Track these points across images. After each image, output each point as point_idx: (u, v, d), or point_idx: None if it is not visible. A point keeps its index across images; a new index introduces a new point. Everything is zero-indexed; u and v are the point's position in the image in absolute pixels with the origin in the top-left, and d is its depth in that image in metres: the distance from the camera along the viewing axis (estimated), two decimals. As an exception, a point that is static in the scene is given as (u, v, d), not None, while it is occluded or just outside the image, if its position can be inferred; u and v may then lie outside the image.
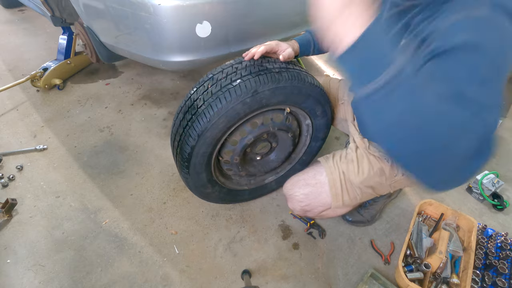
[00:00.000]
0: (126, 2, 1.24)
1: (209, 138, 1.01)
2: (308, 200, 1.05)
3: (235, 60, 1.06)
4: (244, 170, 1.25)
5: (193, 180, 1.13)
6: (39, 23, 3.13)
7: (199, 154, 1.04)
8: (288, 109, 1.13)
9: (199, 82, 1.06)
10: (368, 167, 1.01)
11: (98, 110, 1.97)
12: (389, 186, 1.05)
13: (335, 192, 1.02)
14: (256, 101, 0.99)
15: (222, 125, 1.00)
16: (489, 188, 1.44)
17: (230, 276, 1.17)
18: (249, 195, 1.39)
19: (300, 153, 1.40)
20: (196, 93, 1.04)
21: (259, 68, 1.00)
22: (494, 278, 1.11)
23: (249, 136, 1.10)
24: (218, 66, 1.07)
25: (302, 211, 1.08)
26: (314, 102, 1.15)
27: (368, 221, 1.34)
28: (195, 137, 0.99)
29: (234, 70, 1.01)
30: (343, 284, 1.16)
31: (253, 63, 1.02)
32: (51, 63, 2.12)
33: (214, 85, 1.00)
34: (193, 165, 1.07)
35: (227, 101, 0.96)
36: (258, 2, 1.39)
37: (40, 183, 1.49)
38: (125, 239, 1.27)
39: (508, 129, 1.93)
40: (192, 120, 1.00)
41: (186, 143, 1.02)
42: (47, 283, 1.13)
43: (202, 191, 1.21)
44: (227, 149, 1.12)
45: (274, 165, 1.35)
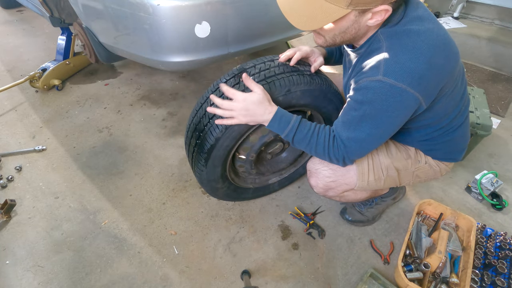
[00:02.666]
0: (125, 2, 1.24)
1: (235, 132, 1.02)
2: (335, 176, 1.04)
3: (266, 57, 1.08)
4: (255, 168, 1.26)
5: (208, 173, 1.13)
6: (38, 24, 3.13)
7: (222, 147, 1.04)
8: (309, 112, 1.16)
9: (228, 74, 1.06)
10: (395, 150, 1.06)
11: (97, 111, 1.96)
12: (412, 174, 1.08)
13: (361, 171, 1.03)
14: (287, 100, 1.02)
15: None
16: (488, 187, 1.45)
17: (230, 277, 1.17)
18: (252, 194, 1.40)
19: (307, 157, 1.42)
20: (227, 83, 1.02)
21: (291, 69, 1.03)
22: (493, 278, 1.11)
23: (269, 134, 1.12)
24: (248, 61, 1.07)
25: (325, 188, 1.07)
26: (333, 108, 1.17)
27: (368, 220, 1.34)
28: (222, 129, 1.00)
29: (267, 67, 1.02)
30: (343, 284, 1.16)
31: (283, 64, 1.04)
32: (50, 64, 2.11)
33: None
34: (213, 157, 1.07)
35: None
36: (257, 3, 1.39)
37: (39, 184, 1.48)
38: (124, 240, 1.27)
39: (507, 129, 1.94)
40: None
41: (211, 134, 1.02)
42: (46, 284, 1.12)
43: (212, 186, 1.21)
44: (246, 145, 1.13)
45: (282, 166, 1.37)
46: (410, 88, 0.75)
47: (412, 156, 1.06)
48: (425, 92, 0.79)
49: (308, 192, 1.50)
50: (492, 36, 2.56)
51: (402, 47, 0.76)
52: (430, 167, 1.08)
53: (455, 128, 0.98)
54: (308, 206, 1.44)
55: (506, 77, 2.43)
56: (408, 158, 1.06)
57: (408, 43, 0.76)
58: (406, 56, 0.75)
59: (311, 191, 1.50)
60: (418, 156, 1.07)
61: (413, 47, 0.75)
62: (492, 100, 2.16)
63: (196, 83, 2.27)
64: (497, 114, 2.05)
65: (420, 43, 0.75)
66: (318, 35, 0.86)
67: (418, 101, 0.79)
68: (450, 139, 1.00)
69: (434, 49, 0.76)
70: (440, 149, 1.04)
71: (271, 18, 1.51)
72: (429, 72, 0.76)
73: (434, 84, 0.80)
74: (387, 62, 0.76)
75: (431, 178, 1.14)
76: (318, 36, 0.86)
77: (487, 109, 1.60)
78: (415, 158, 1.06)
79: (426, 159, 1.07)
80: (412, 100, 0.78)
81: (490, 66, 2.55)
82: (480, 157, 1.72)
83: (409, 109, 0.81)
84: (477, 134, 1.52)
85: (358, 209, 1.34)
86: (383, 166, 1.04)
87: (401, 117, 0.83)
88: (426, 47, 0.75)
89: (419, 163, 1.07)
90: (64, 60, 2.16)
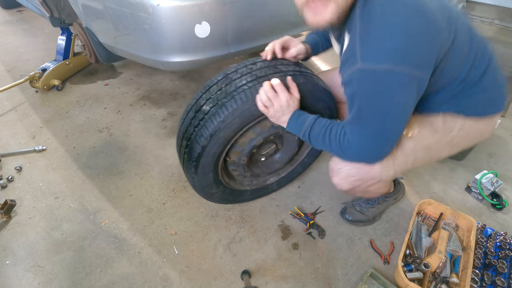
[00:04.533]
0: (125, 2, 1.24)
1: (221, 139, 1.00)
2: (360, 174, 0.97)
3: (248, 60, 1.06)
4: (249, 170, 1.25)
5: (200, 180, 1.13)
6: (38, 24, 3.13)
7: (209, 154, 1.04)
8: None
9: (211, 80, 1.05)
10: (417, 128, 0.94)
11: (97, 111, 1.96)
12: (448, 146, 0.96)
13: (385, 163, 0.94)
14: None
15: (235, 126, 0.99)
16: (488, 187, 1.45)
17: (230, 277, 1.17)
18: (250, 195, 1.39)
19: (302, 155, 1.41)
20: (208, 92, 1.03)
21: (274, 70, 1.00)
22: (494, 278, 1.11)
23: (258, 138, 1.11)
24: (231, 66, 1.06)
25: (350, 186, 1.01)
26: (324, 106, 1.15)
27: (368, 220, 1.34)
28: (207, 137, 0.99)
29: (248, 71, 1.01)
30: (343, 284, 1.16)
31: (267, 64, 1.02)
32: (50, 64, 2.11)
33: (229, 85, 0.99)
34: (202, 165, 1.06)
35: (242, 101, 0.95)
36: (257, 3, 1.39)
37: (39, 184, 1.48)
38: (124, 240, 1.27)
39: (507, 129, 1.94)
40: (205, 120, 0.99)
41: (197, 142, 1.01)
42: (46, 284, 1.12)
43: (207, 191, 1.21)
44: (236, 149, 1.11)
45: (277, 166, 1.36)
46: (395, 66, 0.68)
47: (440, 128, 0.92)
48: (417, 62, 0.70)
49: (308, 192, 1.50)
50: (492, 36, 2.56)
51: (373, 24, 0.69)
52: (467, 132, 0.93)
53: (479, 77, 0.85)
54: (308, 206, 1.44)
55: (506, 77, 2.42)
56: (436, 132, 0.93)
57: (378, 18, 0.69)
58: (380, 33, 0.68)
59: (311, 191, 1.50)
60: (448, 125, 0.92)
61: (384, 21, 0.68)
62: (492, 100, 2.15)
63: (196, 83, 2.27)
64: (497, 114, 2.04)
65: (389, 15, 0.68)
66: (327, 3, 0.73)
67: (412, 75, 0.70)
68: (478, 89, 0.86)
69: (408, 17, 0.67)
70: (471, 104, 0.89)
71: (271, 18, 1.51)
72: (411, 42, 0.67)
73: (424, 51, 0.70)
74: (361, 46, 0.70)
75: (476, 141, 1.00)
76: (327, 3, 0.73)
77: (487, 109, 1.60)
78: (445, 129, 0.92)
79: (461, 123, 0.91)
80: (404, 78, 0.70)
81: (490, 66, 2.55)
82: (480, 157, 1.72)
83: (407, 88, 0.73)
84: (477, 134, 1.52)
85: (359, 208, 1.33)
86: (407, 151, 0.94)
87: (403, 99, 0.74)
88: (398, 18, 0.67)
89: (451, 132, 0.92)
90: (64, 60, 2.16)
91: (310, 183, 1.54)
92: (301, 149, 1.40)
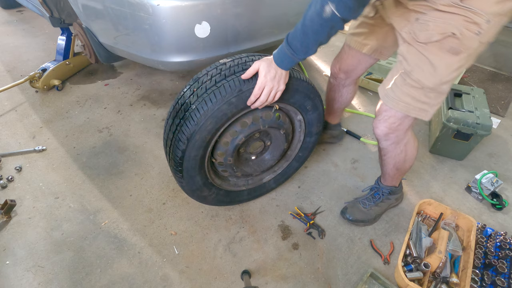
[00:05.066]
0: (125, 2, 1.24)
1: (198, 141, 1.01)
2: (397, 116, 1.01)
3: (219, 62, 1.06)
4: (239, 170, 1.24)
5: (188, 184, 1.13)
6: (38, 24, 3.13)
7: (190, 158, 1.04)
8: (276, 106, 1.12)
9: (185, 86, 1.07)
10: (435, 57, 0.86)
11: (97, 111, 1.96)
12: (478, 43, 0.85)
13: (416, 112, 0.96)
14: (242, 100, 1.00)
15: (210, 127, 1.00)
16: (488, 187, 1.45)
17: (230, 277, 1.17)
18: (248, 195, 1.38)
19: (295, 150, 1.39)
20: (183, 97, 1.04)
21: (242, 67, 1.01)
22: (494, 278, 1.11)
23: (240, 136, 1.10)
24: (203, 69, 1.07)
25: (389, 130, 1.05)
26: (303, 97, 1.14)
27: (369, 220, 1.34)
28: (184, 141, 1.00)
29: (218, 72, 1.02)
30: (343, 284, 1.16)
31: (236, 63, 1.03)
32: (50, 64, 2.11)
33: (200, 87, 1.00)
34: (186, 169, 1.07)
35: (212, 102, 0.96)
36: (257, 3, 1.39)
37: (39, 184, 1.48)
38: (124, 240, 1.27)
39: (507, 129, 1.94)
40: (181, 124, 1.00)
41: (176, 147, 1.02)
42: (46, 284, 1.12)
43: (198, 195, 1.21)
44: (220, 150, 1.12)
45: (270, 163, 1.35)
46: None
47: (463, 43, 0.82)
48: None
49: (308, 192, 1.50)
50: (492, 36, 2.56)
51: None
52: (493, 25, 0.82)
53: None
54: (308, 206, 1.44)
55: (506, 77, 2.43)
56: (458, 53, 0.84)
57: None
58: None
59: (311, 191, 1.50)
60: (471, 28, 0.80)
61: None
62: (492, 100, 2.16)
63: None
64: (497, 114, 2.05)
65: None
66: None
67: None
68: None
69: None
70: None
71: (270, 18, 1.51)
72: None
73: None
74: None
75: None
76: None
77: (487, 109, 1.60)
78: (468, 40, 0.81)
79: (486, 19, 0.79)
80: None
81: (490, 66, 2.55)
82: (480, 157, 1.72)
83: None
84: (477, 133, 1.52)
85: (363, 206, 1.34)
86: (435, 86, 0.90)
87: None
88: None
89: (480, 34, 0.81)
90: (64, 60, 2.16)
91: (310, 183, 1.54)
92: (292, 144, 1.37)
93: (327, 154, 1.70)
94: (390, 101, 0.99)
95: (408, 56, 0.92)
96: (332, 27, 0.82)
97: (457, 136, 1.58)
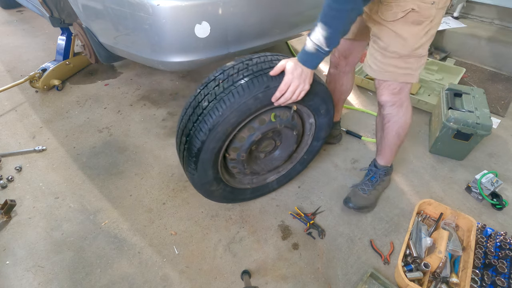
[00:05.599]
0: (125, 2, 1.24)
1: (219, 133, 1.02)
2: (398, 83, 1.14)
3: (245, 57, 1.08)
4: (249, 168, 1.26)
5: (200, 177, 1.13)
6: (38, 24, 3.13)
7: (208, 150, 1.04)
8: (295, 107, 1.16)
9: (209, 77, 1.07)
10: (403, 30, 1.01)
11: (97, 111, 1.96)
12: (436, 10, 0.98)
13: (403, 77, 1.11)
14: (268, 96, 1.02)
15: (233, 120, 1.01)
16: (488, 187, 1.45)
17: (230, 277, 1.17)
18: (251, 194, 1.39)
19: (301, 153, 1.41)
20: (206, 88, 1.04)
21: (269, 65, 1.03)
22: (494, 278, 1.11)
23: (256, 133, 1.12)
24: (228, 63, 1.09)
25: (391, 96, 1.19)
26: (319, 100, 1.18)
27: (371, 205, 1.40)
28: (206, 131, 1.00)
29: (245, 66, 1.04)
30: (343, 284, 1.16)
31: (263, 60, 1.06)
32: (50, 64, 2.11)
33: (225, 80, 1.02)
34: (202, 160, 1.07)
35: (240, 95, 0.98)
36: (257, 3, 1.39)
37: (39, 184, 1.48)
38: (124, 240, 1.27)
39: (507, 129, 1.94)
40: (204, 114, 1.00)
41: (196, 137, 1.02)
42: (46, 284, 1.12)
43: (207, 189, 1.21)
44: (235, 145, 1.13)
45: (276, 163, 1.36)
46: None
47: (422, 13, 0.97)
48: None
49: (308, 192, 1.50)
50: (492, 36, 2.56)
51: None
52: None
53: None
54: (308, 206, 1.44)
55: (506, 77, 2.43)
56: (420, 22, 0.99)
57: None
58: None
59: (311, 191, 1.50)
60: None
61: None
62: (492, 100, 2.16)
63: (196, 83, 2.27)
64: (497, 114, 2.05)
65: None
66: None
67: None
68: None
69: None
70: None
71: (271, 18, 1.51)
72: None
73: None
74: None
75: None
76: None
77: (487, 109, 1.60)
78: (426, 10, 0.96)
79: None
80: None
81: (490, 66, 2.55)
82: (480, 157, 1.72)
83: None
84: (477, 133, 1.52)
85: (363, 192, 1.38)
86: (411, 52, 1.04)
87: None
88: None
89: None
90: (64, 60, 2.16)
91: (310, 183, 1.54)
92: (299, 147, 1.40)
93: (327, 154, 1.70)
94: (378, 74, 1.14)
95: (381, 34, 1.07)
96: (351, 9, 0.87)
97: (457, 136, 1.58)
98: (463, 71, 2.25)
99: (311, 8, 1.64)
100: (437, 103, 1.86)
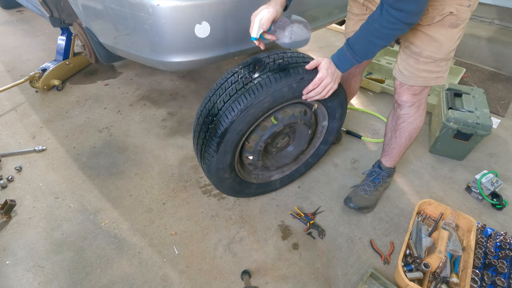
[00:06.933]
0: (125, 2, 1.24)
1: (249, 116, 1.04)
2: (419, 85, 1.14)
3: (278, 51, 1.13)
4: (261, 160, 1.28)
5: (218, 160, 1.13)
6: (38, 24, 3.13)
7: (235, 131, 1.06)
8: (316, 105, 1.21)
9: (242, 63, 1.11)
10: (439, 34, 0.99)
11: (97, 111, 1.96)
12: (470, 13, 0.99)
13: (434, 81, 1.10)
14: (300, 88, 1.07)
15: (266, 105, 1.05)
16: (488, 187, 1.45)
17: (230, 277, 1.17)
18: (255, 190, 1.40)
19: (308, 155, 1.45)
20: (242, 70, 1.07)
21: (303, 60, 1.09)
22: (494, 278, 1.11)
23: (279, 124, 1.16)
24: (263, 52, 1.13)
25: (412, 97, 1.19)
26: (338, 104, 1.25)
27: (372, 205, 1.40)
28: (238, 111, 1.02)
29: (281, 57, 1.08)
30: (343, 284, 1.16)
31: (296, 55, 1.11)
32: (50, 64, 2.11)
33: (262, 66, 1.05)
34: (225, 142, 1.08)
35: (277, 81, 1.01)
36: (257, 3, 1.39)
37: (39, 184, 1.48)
38: (124, 240, 1.27)
39: (507, 129, 1.94)
40: (238, 95, 1.02)
41: (226, 117, 1.03)
42: (46, 284, 1.12)
43: (220, 176, 1.21)
44: (256, 134, 1.15)
45: (286, 161, 1.39)
46: None
47: (458, 14, 0.95)
48: None
49: (308, 192, 1.50)
50: (492, 36, 2.56)
51: None
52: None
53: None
54: (308, 206, 1.44)
55: (506, 77, 2.43)
56: (454, 24, 0.97)
57: None
58: None
59: (311, 191, 1.50)
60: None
61: None
62: (492, 100, 2.16)
63: (196, 83, 2.27)
64: (497, 114, 2.05)
65: None
66: None
67: None
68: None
69: None
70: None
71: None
72: None
73: None
74: None
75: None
76: None
77: (487, 109, 1.60)
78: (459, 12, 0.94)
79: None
80: None
81: (490, 66, 2.55)
82: (480, 157, 1.72)
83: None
84: (477, 133, 1.52)
85: (364, 193, 1.38)
86: (446, 54, 1.03)
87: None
88: None
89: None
90: (64, 60, 2.16)
91: (310, 183, 1.54)
92: (307, 149, 1.44)
93: (327, 154, 1.70)
94: (409, 80, 1.12)
95: (414, 39, 1.05)
96: (398, 32, 0.91)
97: (457, 136, 1.58)
98: (463, 71, 2.25)
99: (311, 8, 1.64)
100: (437, 103, 1.86)
